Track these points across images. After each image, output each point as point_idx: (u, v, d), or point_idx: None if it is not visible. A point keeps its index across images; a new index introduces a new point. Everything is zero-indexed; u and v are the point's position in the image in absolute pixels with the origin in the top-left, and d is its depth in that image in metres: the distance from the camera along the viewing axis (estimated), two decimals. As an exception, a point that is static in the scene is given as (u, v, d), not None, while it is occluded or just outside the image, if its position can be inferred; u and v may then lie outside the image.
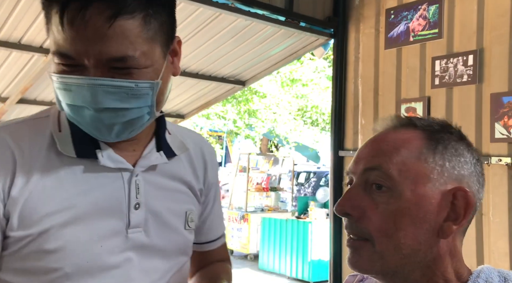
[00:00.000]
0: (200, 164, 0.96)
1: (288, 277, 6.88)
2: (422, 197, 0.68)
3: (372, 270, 0.70)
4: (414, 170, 0.69)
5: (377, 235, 0.68)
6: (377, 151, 0.72)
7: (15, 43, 3.08)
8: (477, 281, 0.71)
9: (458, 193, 0.70)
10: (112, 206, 0.81)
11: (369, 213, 0.69)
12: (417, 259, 0.69)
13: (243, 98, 9.37)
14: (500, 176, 2.30)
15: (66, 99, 0.74)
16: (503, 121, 2.32)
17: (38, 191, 0.76)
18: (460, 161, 0.72)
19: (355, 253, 0.71)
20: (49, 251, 0.76)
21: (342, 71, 3.15)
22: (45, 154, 0.78)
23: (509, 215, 2.25)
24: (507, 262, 2.22)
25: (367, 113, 3.00)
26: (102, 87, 0.72)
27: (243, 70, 3.98)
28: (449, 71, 2.57)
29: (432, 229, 0.69)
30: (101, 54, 0.71)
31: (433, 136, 0.73)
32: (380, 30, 2.95)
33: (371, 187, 0.71)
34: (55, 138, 0.80)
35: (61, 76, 0.73)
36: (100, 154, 0.80)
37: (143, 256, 0.84)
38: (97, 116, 0.74)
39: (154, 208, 0.86)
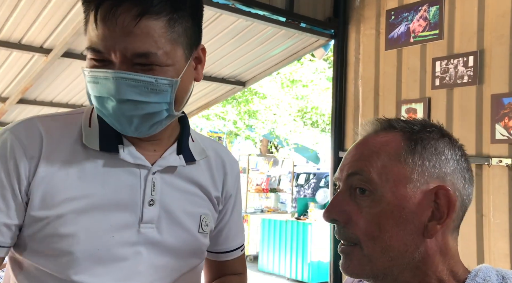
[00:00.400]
0: (220, 173, 0.99)
1: (288, 278, 6.87)
2: (403, 198, 0.69)
3: (362, 274, 0.71)
4: (394, 172, 0.70)
5: (364, 238, 0.70)
6: (358, 156, 0.74)
7: (16, 43, 3.08)
8: (475, 280, 0.71)
9: (439, 192, 0.70)
10: (127, 200, 0.85)
11: (354, 217, 0.71)
12: (405, 260, 0.70)
13: (243, 99, 9.37)
14: (501, 177, 2.30)
15: (94, 91, 0.80)
16: (504, 122, 2.32)
17: (61, 177, 0.82)
18: (441, 159, 0.72)
19: (346, 259, 0.72)
20: (63, 235, 0.81)
21: (343, 72, 3.16)
22: (72, 145, 0.85)
23: (510, 216, 2.25)
24: (508, 263, 2.22)
25: (367, 114, 3.00)
26: (124, 80, 0.78)
27: (243, 70, 3.99)
28: (450, 72, 2.57)
29: (416, 230, 0.69)
30: (126, 49, 0.77)
31: (412, 136, 0.73)
32: (380, 31, 2.95)
33: (355, 192, 0.72)
34: (83, 132, 0.86)
35: (91, 70, 0.80)
36: (121, 149, 0.85)
37: (153, 252, 0.87)
38: (119, 107, 0.79)
39: (168, 207, 0.89)
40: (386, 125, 0.76)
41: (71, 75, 3.67)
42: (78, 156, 0.84)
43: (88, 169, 0.84)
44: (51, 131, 0.85)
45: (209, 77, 3.99)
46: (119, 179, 0.85)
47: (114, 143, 0.86)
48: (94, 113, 0.88)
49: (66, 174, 0.82)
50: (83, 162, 0.84)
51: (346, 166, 0.75)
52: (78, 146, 0.85)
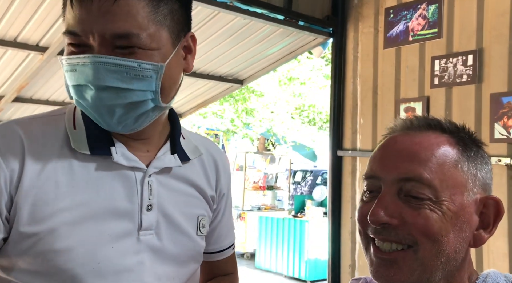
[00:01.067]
0: (213, 171, 0.94)
1: (285, 275, 6.88)
2: (460, 206, 0.67)
3: (408, 281, 0.67)
4: (453, 179, 0.67)
5: (423, 239, 0.65)
6: (411, 157, 0.68)
7: (11, 41, 3.04)
8: None
9: (489, 202, 0.69)
10: (124, 207, 0.79)
11: (411, 219, 0.66)
12: (449, 267, 0.68)
13: (240, 97, 9.35)
14: (500, 176, 2.30)
15: (72, 80, 0.74)
16: (503, 121, 2.32)
17: (49, 187, 0.75)
18: (485, 169, 0.71)
19: (392, 268, 0.67)
20: (59, 251, 0.74)
21: (341, 71, 3.14)
22: (58, 150, 0.77)
23: (509, 215, 2.25)
24: (506, 262, 2.22)
25: (365, 113, 2.99)
26: (104, 65, 0.71)
27: (241, 69, 3.97)
28: (449, 71, 2.56)
29: (467, 238, 0.68)
30: (105, 30, 0.71)
31: (463, 141, 0.70)
32: (379, 29, 2.94)
33: (406, 195, 0.67)
34: (69, 135, 0.79)
35: (68, 57, 0.73)
36: (114, 151, 0.79)
37: (155, 260, 0.82)
38: (98, 96, 0.72)
39: (166, 211, 0.84)
40: (435, 124, 0.71)
41: (67, 73, 3.64)
42: (67, 162, 0.77)
43: (79, 176, 0.77)
44: (33, 136, 0.77)
45: (207, 75, 3.97)
46: (113, 184, 0.79)
47: (105, 145, 0.79)
48: (78, 112, 0.81)
49: (55, 183, 0.75)
50: (73, 168, 0.77)
51: (394, 167, 0.68)
52: (65, 151, 0.77)
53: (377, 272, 0.68)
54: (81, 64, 0.72)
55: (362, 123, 3.01)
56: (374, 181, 0.71)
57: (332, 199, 3.13)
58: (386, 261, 0.67)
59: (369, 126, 2.96)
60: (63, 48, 1.88)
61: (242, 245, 7.88)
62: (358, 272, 2.95)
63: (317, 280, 6.55)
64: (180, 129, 0.91)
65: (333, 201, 3.12)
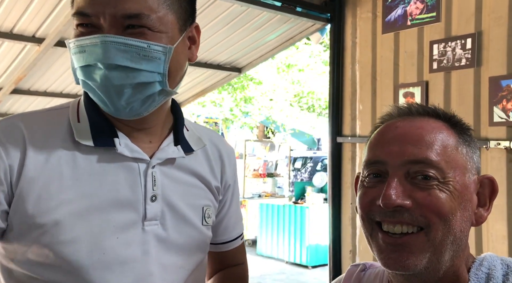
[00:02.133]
0: (217, 162, 0.95)
1: (286, 261, 6.95)
2: (464, 186, 0.70)
3: (419, 265, 0.68)
4: (456, 161, 0.70)
5: (436, 220, 0.67)
6: (416, 141, 0.69)
7: (7, 32, 3.03)
8: (480, 269, 0.72)
9: (484, 181, 0.73)
10: (128, 197, 0.80)
11: (422, 200, 0.67)
12: (455, 247, 0.70)
13: (239, 85, 9.31)
14: (499, 159, 2.31)
15: (80, 61, 0.74)
16: (502, 104, 2.32)
17: (54, 179, 0.76)
18: (477, 153, 0.75)
19: (403, 251, 0.67)
20: (64, 242, 0.75)
21: (339, 57, 3.13)
22: (62, 142, 0.78)
23: (508, 198, 2.27)
24: (505, 244, 2.24)
25: (364, 99, 2.99)
26: (114, 44, 0.72)
27: (239, 56, 3.95)
28: (447, 55, 2.55)
29: (470, 217, 0.71)
30: (116, 10, 0.72)
31: (458, 127, 0.74)
32: (377, 14, 2.92)
33: (413, 178, 0.68)
34: (73, 128, 0.80)
35: (78, 39, 0.74)
36: (117, 142, 0.80)
37: (161, 250, 0.83)
38: (108, 75, 0.73)
39: (171, 202, 0.84)
40: (431, 110, 0.74)
41: (65, 64, 3.63)
42: (70, 154, 0.78)
43: (83, 167, 0.78)
44: (35, 129, 0.78)
45: (205, 64, 3.95)
46: (117, 175, 0.80)
47: (108, 137, 0.80)
48: (82, 106, 0.83)
49: (59, 175, 0.76)
50: (76, 160, 0.78)
51: (399, 150, 0.69)
52: (68, 144, 0.79)
53: (389, 259, 0.68)
54: (91, 45, 0.73)
55: (361, 109, 3.01)
56: (379, 166, 0.71)
57: (332, 186, 3.14)
58: (397, 247, 0.67)
59: (368, 112, 2.96)
60: (60, 39, 1.89)
61: (244, 232, 7.93)
62: (359, 257, 2.98)
63: (318, 265, 6.62)
64: (183, 120, 0.92)
65: (333, 187, 3.13)
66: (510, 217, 2.26)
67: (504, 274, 0.72)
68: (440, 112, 0.74)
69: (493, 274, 0.71)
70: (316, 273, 6.51)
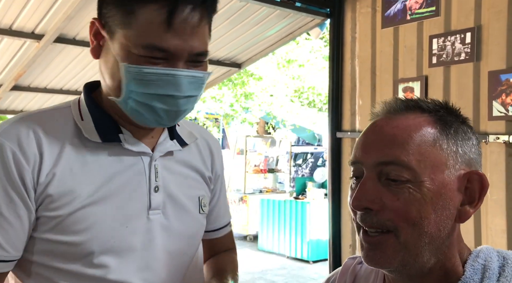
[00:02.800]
0: (207, 154, 1.02)
1: (287, 256, 6.97)
2: (441, 185, 0.68)
3: (394, 262, 0.69)
4: (431, 158, 0.68)
5: (403, 225, 0.67)
6: (389, 141, 0.69)
7: (6, 29, 3.02)
8: (476, 261, 0.72)
9: (473, 177, 0.70)
10: (135, 188, 0.87)
11: (390, 204, 0.67)
12: (435, 246, 0.69)
13: (239, 81, 9.30)
14: (498, 154, 2.31)
15: (151, 89, 0.80)
16: (501, 98, 2.32)
17: (66, 175, 0.82)
18: (468, 144, 0.71)
19: (377, 250, 0.69)
20: (77, 231, 0.81)
21: (339, 52, 3.13)
22: (71, 140, 0.84)
23: (507, 193, 2.27)
24: (504, 239, 2.25)
25: (364, 94, 2.99)
26: (188, 78, 0.81)
27: (239, 52, 3.94)
28: (447, 50, 2.55)
29: (451, 215, 0.69)
30: (192, 49, 0.81)
31: (442, 120, 0.71)
32: (376, 9, 2.91)
33: (386, 179, 0.68)
34: (80, 125, 0.86)
35: (151, 68, 0.80)
36: (123, 138, 0.87)
37: (165, 237, 0.89)
38: (179, 103, 0.82)
39: (171, 192, 0.91)
40: (412, 105, 0.72)
41: (64, 61, 3.63)
42: (80, 151, 0.84)
43: (93, 163, 0.84)
44: (45, 129, 0.83)
45: (204, 60, 3.94)
46: (124, 168, 0.86)
47: (114, 133, 0.87)
48: (83, 105, 0.88)
49: (71, 171, 0.82)
50: (86, 156, 0.84)
51: (373, 151, 0.70)
52: (77, 140, 0.85)
53: (367, 256, 0.70)
54: (166, 75, 0.80)
55: (361, 104, 3.01)
56: (357, 166, 0.72)
57: (332, 181, 3.15)
58: (372, 245, 0.69)
59: (367, 107, 2.96)
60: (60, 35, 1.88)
61: (245, 227, 7.96)
62: (359, 251, 2.99)
63: (319, 260, 6.64)
64: None
65: (333, 182, 3.14)
66: (509, 211, 2.26)
67: (500, 266, 0.72)
68: (424, 105, 0.72)
69: (489, 265, 0.71)
70: (317, 268, 6.53)
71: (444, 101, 0.75)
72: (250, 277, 6.22)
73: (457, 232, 0.73)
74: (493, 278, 0.70)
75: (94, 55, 0.87)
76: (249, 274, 6.32)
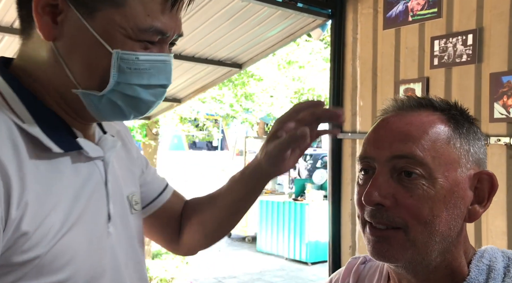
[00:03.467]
0: (126, 140, 0.92)
1: (286, 258, 6.96)
2: (454, 183, 0.68)
3: (402, 259, 0.68)
4: (446, 156, 0.68)
5: (413, 222, 0.66)
6: (404, 136, 0.68)
7: (7, 27, 3.02)
8: (481, 261, 0.72)
9: (483, 177, 0.70)
10: (97, 203, 0.75)
11: (402, 201, 0.67)
12: (445, 245, 0.69)
13: (239, 82, 9.29)
14: (499, 155, 2.31)
15: (139, 79, 0.69)
16: (502, 100, 2.32)
17: (35, 201, 0.64)
18: (478, 144, 0.72)
19: (385, 243, 0.68)
20: (59, 268, 0.67)
21: (340, 53, 3.12)
22: (24, 153, 0.65)
23: (508, 194, 2.27)
24: (505, 240, 2.25)
25: (365, 95, 2.99)
26: (172, 64, 0.74)
27: (240, 52, 3.94)
28: (448, 51, 2.55)
29: (461, 214, 0.69)
30: (179, 30, 0.74)
31: (455, 119, 0.71)
32: (378, 10, 2.91)
33: (399, 174, 0.68)
34: (30, 131, 0.66)
35: (151, 54, 0.69)
36: (83, 143, 0.72)
37: (123, 250, 0.79)
38: (164, 93, 0.73)
39: (117, 196, 0.80)
40: (425, 103, 0.72)
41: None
42: (38, 166, 0.66)
43: (56, 180, 0.68)
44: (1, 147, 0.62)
45: (205, 60, 3.94)
46: (84, 181, 0.72)
47: (71, 138, 0.71)
48: (15, 103, 0.67)
49: (39, 194, 0.65)
50: (47, 172, 0.67)
51: (386, 146, 0.69)
52: (30, 151, 0.65)
53: (373, 249, 0.70)
54: (160, 62, 0.71)
55: (362, 105, 3.01)
56: (368, 161, 0.72)
57: (332, 182, 3.14)
58: (380, 238, 0.69)
59: (368, 108, 2.96)
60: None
61: (244, 228, 7.94)
62: (358, 253, 2.98)
63: (317, 261, 6.63)
64: None
65: (333, 183, 3.13)
66: (510, 213, 2.26)
67: (505, 266, 0.72)
68: (437, 103, 0.72)
69: (494, 266, 0.71)
70: (315, 270, 6.52)
71: (454, 101, 0.75)
72: (249, 278, 6.21)
73: (464, 232, 0.73)
74: (498, 279, 0.70)
75: (47, 35, 0.67)
76: (248, 275, 6.31)
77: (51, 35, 0.68)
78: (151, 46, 0.70)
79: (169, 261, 5.53)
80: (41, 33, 0.67)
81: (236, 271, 6.45)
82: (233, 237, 8.39)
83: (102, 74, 0.68)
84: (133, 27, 0.67)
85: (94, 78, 0.68)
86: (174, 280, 5.27)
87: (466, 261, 0.72)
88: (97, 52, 0.67)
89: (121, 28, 0.67)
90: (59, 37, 0.68)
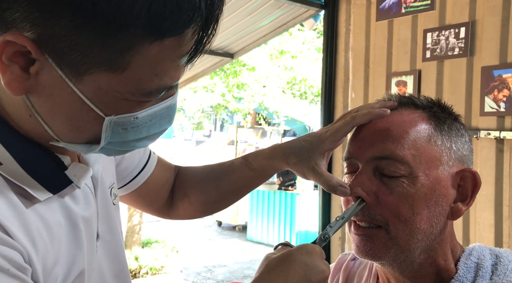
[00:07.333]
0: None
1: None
2: (436, 180, 0.68)
3: (385, 256, 0.69)
4: (426, 154, 0.68)
5: (394, 220, 0.67)
6: (384, 136, 0.69)
7: None
8: (470, 259, 0.72)
9: (466, 174, 0.70)
10: (90, 230, 0.68)
11: (383, 198, 0.67)
12: (427, 242, 0.70)
13: (231, 71, 9.23)
14: (488, 149, 2.33)
15: (136, 134, 0.59)
16: (493, 94, 2.32)
17: (32, 254, 0.56)
18: (461, 141, 0.72)
19: (368, 241, 0.69)
20: None
21: (333, 44, 3.11)
22: (19, 207, 0.56)
23: (496, 188, 2.29)
24: (492, 233, 2.27)
25: (357, 87, 2.98)
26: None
27: (232, 42, 3.90)
28: (441, 44, 2.54)
29: (444, 212, 0.70)
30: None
31: (436, 116, 0.71)
32: (371, 1, 2.89)
33: (381, 173, 0.68)
34: (12, 179, 0.56)
35: (150, 109, 0.58)
36: (73, 176, 0.62)
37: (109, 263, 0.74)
38: (162, 134, 0.65)
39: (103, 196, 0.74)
40: (406, 102, 0.72)
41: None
42: (31, 218, 0.56)
43: (52, 229, 0.59)
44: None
45: (197, 49, 3.90)
46: (85, 218, 0.66)
47: (59, 173, 0.60)
48: None
49: (36, 253, 0.56)
50: (42, 224, 0.58)
51: (368, 146, 0.70)
52: (21, 199, 0.56)
53: (357, 247, 0.71)
54: (165, 109, 0.61)
55: (354, 97, 3.00)
56: (352, 161, 0.73)
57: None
58: (362, 237, 0.70)
59: (360, 100, 2.96)
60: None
61: (234, 217, 7.98)
62: (348, 244, 3.00)
63: (307, 251, 6.70)
64: None
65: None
66: (497, 206, 2.28)
67: (492, 264, 0.72)
68: (418, 101, 0.72)
69: (482, 263, 0.71)
70: (305, 259, 6.58)
71: (437, 98, 0.75)
72: (239, 266, 6.25)
73: (449, 229, 0.73)
74: (486, 277, 0.70)
75: (16, 90, 0.51)
76: (238, 263, 6.35)
77: (22, 89, 0.52)
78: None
79: (159, 250, 5.53)
80: (7, 89, 0.51)
81: (226, 259, 6.48)
82: (224, 226, 8.42)
83: (90, 135, 0.57)
84: (135, 92, 0.54)
85: (80, 138, 0.58)
86: (164, 269, 5.29)
87: (454, 259, 0.73)
88: (85, 116, 0.54)
89: (118, 92, 0.53)
90: (33, 91, 0.53)
